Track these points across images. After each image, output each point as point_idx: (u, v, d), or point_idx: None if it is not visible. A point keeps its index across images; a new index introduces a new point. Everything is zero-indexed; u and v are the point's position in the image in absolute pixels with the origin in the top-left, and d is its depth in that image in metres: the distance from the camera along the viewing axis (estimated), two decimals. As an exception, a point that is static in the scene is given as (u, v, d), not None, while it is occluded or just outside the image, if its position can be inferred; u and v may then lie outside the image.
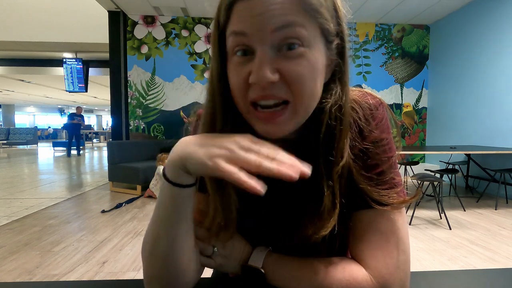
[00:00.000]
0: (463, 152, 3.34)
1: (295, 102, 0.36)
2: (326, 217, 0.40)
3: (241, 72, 0.36)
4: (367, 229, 0.42)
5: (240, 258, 0.46)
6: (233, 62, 0.37)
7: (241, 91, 0.37)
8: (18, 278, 1.71)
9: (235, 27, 0.35)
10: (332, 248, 0.47)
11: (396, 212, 0.42)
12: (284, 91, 0.35)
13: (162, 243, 0.40)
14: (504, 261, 1.98)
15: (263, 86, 0.35)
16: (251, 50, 0.35)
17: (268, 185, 0.46)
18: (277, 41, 0.34)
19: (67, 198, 3.61)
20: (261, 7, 0.33)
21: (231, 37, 0.36)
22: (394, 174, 0.43)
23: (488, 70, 3.90)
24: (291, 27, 0.34)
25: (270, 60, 0.34)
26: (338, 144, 0.40)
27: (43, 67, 7.76)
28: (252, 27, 0.34)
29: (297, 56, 0.35)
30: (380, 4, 4.27)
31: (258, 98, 0.36)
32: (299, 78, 0.35)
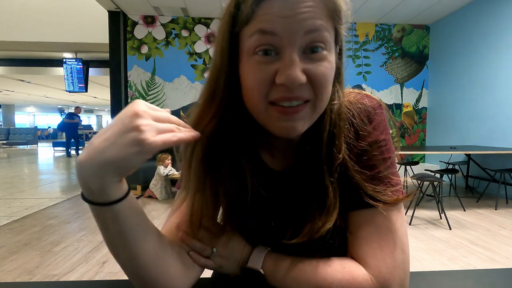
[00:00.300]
0: (463, 152, 3.34)
1: (316, 101, 0.37)
2: (331, 211, 0.42)
3: (265, 71, 0.35)
4: (367, 229, 0.42)
5: (239, 258, 0.46)
6: (253, 61, 0.36)
7: (262, 91, 0.36)
8: (18, 278, 1.72)
9: (264, 25, 0.34)
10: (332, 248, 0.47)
11: (395, 211, 0.42)
12: (308, 91, 0.36)
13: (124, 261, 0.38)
14: (504, 261, 1.98)
15: (291, 87, 0.35)
16: (277, 51, 0.35)
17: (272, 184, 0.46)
18: (305, 43, 0.35)
19: (67, 198, 3.61)
20: (293, 9, 0.33)
21: (256, 35, 0.35)
22: (392, 174, 0.44)
23: (488, 70, 3.90)
24: (320, 31, 0.35)
25: (299, 62, 0.35)
26: (338, 142, 0.42)
27: (43, 67, 7.76)
28: (284, 27, 0.34)
29: (320, 58, 0.36)
30: (380, 4, 4.27)
31: (282, 99, 0.36)
32: (324, 79, 0.36)
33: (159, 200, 3.54)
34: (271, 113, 0.37)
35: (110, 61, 4.80)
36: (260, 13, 0.34)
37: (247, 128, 0.43)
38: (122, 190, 0.35)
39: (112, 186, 0.33)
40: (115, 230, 0.35)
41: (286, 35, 0.34)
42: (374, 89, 5.01)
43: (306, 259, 0.43)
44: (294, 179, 0.45)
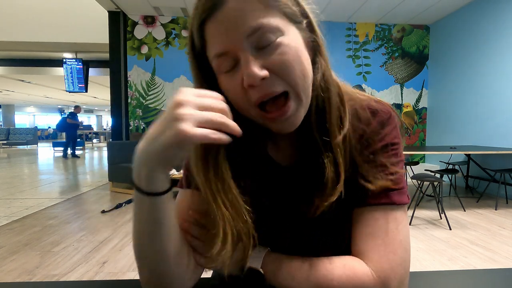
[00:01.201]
0: (463, 152, 3.34)
1: (294, 89, 0.38)
2: (330, 187, 0.42)
3: (234, 83, 0.37)
4: (373, 224, 0.42)
5: (239, 259, 0.45)
6: (224, 79, 0.38)
7: (243, 100, 0.38)
8: (18, 278, 1.72)
9: (215, 49, 0.37)
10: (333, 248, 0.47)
11: (401, 211, 0.43)
12: (279, 83, 0.37)
13: (148, 253, 0.39)
14: (504, 261, 1.98)
15: (258, 85, 0.36)
16: (236, 61, 0.37)
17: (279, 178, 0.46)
18: (254, 42, 0.36)
19: (67, 198, 3.61)
20: (228, 21, 0.35)
21: (215, 60, 0.38)
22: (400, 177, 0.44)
23: (488, 70, 3.91)
24: (261, 29, 0.35)
25: (254, 61, 0.35)
26: (330, 114, 0.42)
27: (43, 67, 7.76)
28: (229, 42, 0.36)
29: (275, 46, 0.36)
30: (380, 4, 4.27)
31: (260, 98, 0.37)
32: (287, 65, 0.36)
33: (159, 200, 3.55)
34: (264, 117, 0.39)
35: (110, 61, 4.81)
36: (208, 37, 0.37)
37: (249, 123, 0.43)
38: (167, 183, 0.37)
39: (158, 177, 0.35)
40: (151, 220, 0.37)
41: (233, 47, 0.36)
42: (374, 89, 5.02)
43: (306, 258, 0.43)
44: (299, 173, 0.46)
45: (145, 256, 0.40)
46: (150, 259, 0.40)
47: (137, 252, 0.40)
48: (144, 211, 0.37)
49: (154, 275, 0.41)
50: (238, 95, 0.38)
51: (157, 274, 0.40)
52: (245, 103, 0.38)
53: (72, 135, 8.60)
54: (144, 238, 0.39)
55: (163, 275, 0.41)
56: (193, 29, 0.39)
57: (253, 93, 0.37)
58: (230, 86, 0.38)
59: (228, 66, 0.37)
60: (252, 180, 0.45)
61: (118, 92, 4.85)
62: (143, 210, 0.37)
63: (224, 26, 0.35)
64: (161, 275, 0.40)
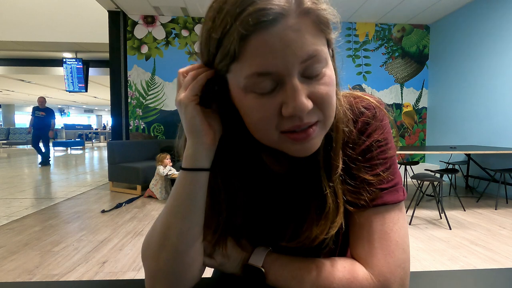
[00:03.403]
0: (463, 152, 3.34)
1: (325, 120, 0.37)
2: (331, 217, 0.41)
3: (269, 107, 0.34)
4: (368, 228, 0.42)
5: (240, 257, 0.46)
6: (255, 100, 0.35)
7: (271, 125, 0.36)
8: (18, 278, 1.72)
9: (256, 68, 0.32)
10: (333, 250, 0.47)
11: (397, 211, 0.43)
12: (316, 114, 0.36)
13: (173, 233, 0.40)
14: (504, 261, 1.98)
15: (301, 116, 0.34)
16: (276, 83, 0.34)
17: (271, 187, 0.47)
18: (303, 69, 0.33)
19: (67, 198, 3.61)
20: (282, 40, 0.31)
21: (250, 78, 0.33)
22: (392, 174, 0.44)
23: (488, 70, 3.91)
24: (315, 56, 0.33)
25: (303, 90, 0.33)
26: (337, 146, 0.42)
27: (43, 67, 7.76)
28: (279, 64, 0.32)
29: (321, 76, 0.35)
30: (380, 4, 4.27)
31: (294, 128, 0.35)
32: (328, 98, 0.36)
33: (159, 200, 3.55)
34: (284, 140, 0.37)
35: (110, 61, 4.81)
36: (249, 52, 0.32)
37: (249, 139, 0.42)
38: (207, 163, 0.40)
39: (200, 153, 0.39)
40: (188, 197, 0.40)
41: (282, 69, 0.32)
42: (374, 89, 5.02)
43: (307, 258, 0.43)
44: (293, 182, 0.45)
45: (168, 237, 0.40)
46: (175, 239, 0.40)
47: (160, 235, 0.41)
48: (181, 187, 0.40)
49: (174, 257, 0.41)
50: (267, 119, 0.35)
51: (177, 256, 0.41)
52: (270, 128, 0.36)
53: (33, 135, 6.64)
54: (174, 215, 0.40)
55: (183, 258, 0.41)
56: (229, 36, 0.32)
57: (289, 121, 0.35)
58: (261, 108, 0.35)
59: (266, 88, 0.34)
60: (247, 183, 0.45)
61: (118, 92, 4.85)
62: (181, 187, 0.40)
63: (278, 45, 0.31)
64: (181, 257, 0.41)
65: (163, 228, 0.41)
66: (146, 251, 0.43)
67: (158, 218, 0.42)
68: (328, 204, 0.41)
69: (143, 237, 2.34)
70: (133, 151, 4.29)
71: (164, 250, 0.41)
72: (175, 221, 0.40)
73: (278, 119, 0.35)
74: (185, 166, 0.40)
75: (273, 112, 0.35)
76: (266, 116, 0.35)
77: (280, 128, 0.36)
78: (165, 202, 0.49)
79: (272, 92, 0.34)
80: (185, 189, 0.40)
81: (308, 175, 0.44)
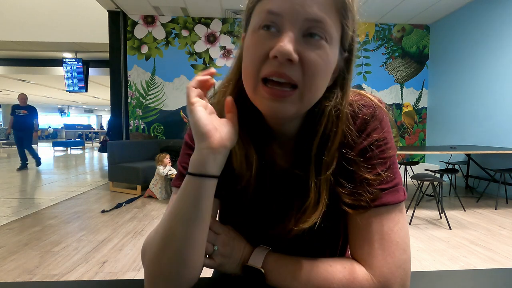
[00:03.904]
0: (463, 152, 3.34)
1: (304, 89, 0.37)
2: (309, 212, 0.42)
3: (262, 46, 0.37)
4: (368, 229, 0.42)
5: (240, 258, 0.46)
6: (256, 36, 0.38)
7: (256, 65, 0.38)
8: (18, 278, 1.72)
9: (272, 5, 0.36)
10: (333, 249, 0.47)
11: (397, 211, 0.42)
12: (298, 74, 0.37)
13: (177, 238, 0.40)
14: (504, 261, 1.98)
15: (281, 62, 0.36)
16: (278, 29, 0.37)
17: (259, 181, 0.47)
18: (306, 28, 0.36)
19: (67, 198, 3.61)
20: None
21: (263, 14, 0.37)
22: (392, 174, 0.44)
23: (488, 70, 3.90)
24: (322, 23, 0.36)
25: (295, 41, 0.36)
26: (332, 146, 0.42)
27: (43, 67, 7.76)
28: (289, 10, 0.35)
29: (318, 46, 0.36)
30: (380, 4, 4.27)
31: (272, 74, 0.37)
32: (315, 66, 0.36)
33: (159, 200, 3.55)
34: (261, 92, 0.38)
35: (110, 61, 4.81)
36: None
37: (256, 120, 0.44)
38: (215, 169, 0.40)
39: (205, 158, 0.39)
40: (194, 204, 0.39)
41: (288, 16, 0.35)
42: (374, 89, 5.02)
43: (307, 258, 0.43)
44: (290, 177, 0.46)
45: (174, 239, 0.40)
46: (179, 244, 0.40)
47: (162, 238, 0.40)
48: (188, 193, 0.39)
49: (176, 261, 0.40)
50: (256, 58, 0.38)
51: (180, 260, 0.40)
52: (254, 70, 0.38)
53: (16, 137, 6.01)
54: (180, 221, 0.40)
55: (185, 262, 0.40)
56: None
57: (270, 66, 0.37)
58: (257, 45, 0.38)
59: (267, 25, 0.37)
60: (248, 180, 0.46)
61: (118, 92, 4.85)
62: (188, 192, 0.39)
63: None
64: (184, 261, 0.40)
65: (166, 232, 0.40)
66: (147, 254, 0.42)
67: (161, 221, 0.42)
68: (309, 199, 0.42)
69: (143, 237, 2.34)
70: (133, 151, 4.29)
71: (166, 253, 0.40)
72: (179, 226, 0.39)
73: (263, 60, 0.37)
74: (190, 171, 0.39)
75: (263, 52, 0.37)
76: (257, 54, 0.37)
77: (261, 73, 0.37)
78: (165, 202, 0.49)
79: (272, 35, 0.37)
80: (189, 195, 0.39)
81: (298, 170, 0.44)
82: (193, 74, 4.85)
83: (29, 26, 5.59)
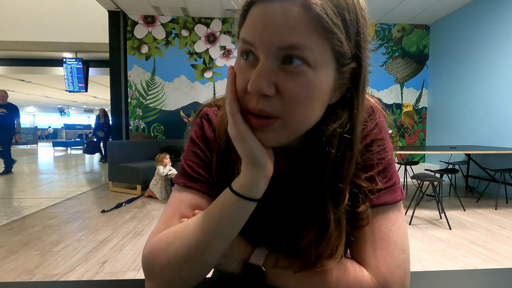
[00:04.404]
0: (463, 152, 3.34)
1: (286, 118, 0.35)
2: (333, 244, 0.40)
3: (243, 77, 0.36)
4: (366, 229, 0.42)
5: (240, 257, 0.46)
6: (239, 64, 0.37)
7: (241, 97, 0.37)
8: (18, 278, 1.72)
9: (245, 34, 0.35)
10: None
11: (395, 211, 0.43)
12: (277, 106, 0.34)
13: (210, 251, 0.40)
14: (504, 261, 1.98)
15: (257, 98, 0.34)
16: (255, 58, 0.35)
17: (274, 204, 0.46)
18: (281, 56, 0.33)
19: (67, 198, 3.61)
20: (273, 20, 0.32)
21: (240, 42, 0.36)
22: (390, 174, 0.44)
23: (488, 70, 3.91)
24: (298, 49, 0.32)
25: (269, 73, 0.33)
26: (348, 172, 0.40)
27: (43, 67, 7.77)
28: (261, 38, 0.33)
29: (297, 73, 0.33)
30: (380, 4, 4.27)
31: (252, 110, 0.36)
32: (294, 97, 0.34)
33: (159, 200, 3.55)
34: (249, 121, 0.37)
35: (110, 61, 4.81)
36: (247, 20, 0.35)
37: None
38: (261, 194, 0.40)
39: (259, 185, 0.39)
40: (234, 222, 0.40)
41: (261, 46, 0.33)
42: (374, 89, 5.02)
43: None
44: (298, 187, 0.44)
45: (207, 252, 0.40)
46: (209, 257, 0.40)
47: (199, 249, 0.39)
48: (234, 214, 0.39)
49: (201, 270, 0.41)
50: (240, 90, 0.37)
51: (204, 269, 0.41)
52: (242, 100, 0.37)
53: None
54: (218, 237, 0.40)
55: (207, 271, 0.42)
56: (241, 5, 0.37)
57: (250, 100, 0.36)
58: (238, 76, 0.37)
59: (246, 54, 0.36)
60: None
61: (118, 91, 4.85)
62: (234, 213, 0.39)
63: (267, 20, 0.33)
64: (206, 269, 0.42)
65: (200, 245, 0.39)
66: (162, 259, 0.40)
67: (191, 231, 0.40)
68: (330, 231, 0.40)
69: (143, 237, 2.34)
70: (133, 151, 4.29)
71: (193, 263, 0.40)
72: (216, 242, 0.40)
73: (244, 92, 0.36)
74: (240, 193, 0.38)
75: (243, 83, 0.36)
76: (238, 87, 0.37)
77: (245, 104, 0.37)
78: (165, 202, 0.48)
79: (251, 64, 0.35)
80: (231, 214, 0.39)
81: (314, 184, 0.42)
82: (193, 74, 4.86)
83: (29, 26, 5.59)
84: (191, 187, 0.47)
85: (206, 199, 0.47)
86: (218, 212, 0.39)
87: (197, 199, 0.46)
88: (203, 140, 0.49)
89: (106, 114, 7.06)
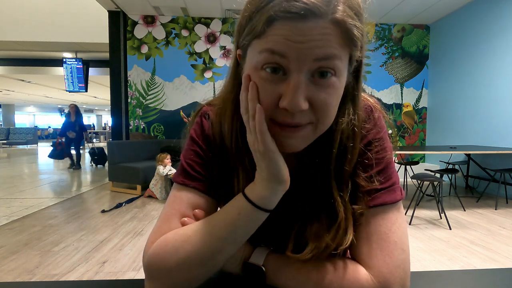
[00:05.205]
0: (463, 152, 3.34)
1: (317, 123, 0.37)
2: (342, 227, 0.42)
3: (271, 93, 0.36)
4: (366, 229, 0.42)
5: (241, 257, 0.46)
6: (260, 76, 0.36)
7: (267, 111, 0.36)
8: (18, 278, 1.72)
9: (275, 46, 0.34)
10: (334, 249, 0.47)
11: (395, 211, 0.43)
12: (310, 117, 0.36)
13: (221, 257, 0.41)
14: (504, 261, 1.98)
15: (293, 113, 0.35)
16: (284, 71, 0.35)
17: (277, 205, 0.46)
18: (314, 69, 0.34)
19: (67, 198, 3.61)
20: (305, 35, 0.32)
21: (265, 53, 0.34)
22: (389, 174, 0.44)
23: (488, 70, 3.90)
24: (330, 60, 0.34)
25: (305, 88, 0.34)
26: (351, 160, 0.43)
27: (43, 67, 7.76)
28: (294, 52, 0.33)
29: (328, 85, 0.35)
30: (380, 4, 4.27)
31: (284, 123, 0.36)
32: (327, 107, 0.36)
33: (159, 200, 3.55)
34: (272, 128, 0.37)
35: (110, 61, 4.81)
36: (271, 32, 0.34)
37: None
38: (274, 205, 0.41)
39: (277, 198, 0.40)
40: (248, 230, 0.41)
41: (295, 59, 0.33)
42: (374, 89, 5.02)
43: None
44: (297, 187, 0.44)
45: (218, 258, 0.41)
46: (220, 261, 0.42)
47: (210, 254, 0.40)
48: (248, 222, 0.40)
49: (209, 273, 0.42)
50: (267, 102, 0.36)
51: (212, 272, 0.42)
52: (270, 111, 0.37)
53: None
54: (230, 243, 0.41)
55: (214, 271, 0.43)
56: (258, 15, 0.35)
57: (282, 115, 0.36)
58: (265, 88, 0.36)
59: (273, 67, 0.35)
60: None
61: (118, 91, 4.85)
62: (248, 221, 0.40)
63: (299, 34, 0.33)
64: (214, 271, 0.43)
65: (212, 251, 0.40)
66: (171, 260, 0.40)
67: (204, 237, 0.40)
68: (341, 216, 0.41)
69: (143, 237, 2.34)
70: (133, 151, 4.29)
71: (203, 267, 0.41)
72: (228, 247, 0.41)
73: (273, 107, 0.36)
74: (257, 203, 0.39)
75: (272, 100, 0.36)
76: (266, 102, 0.36)
77: (272, 116, 0.37)
78: (165, 202, 0.48)
79: (278, 78, 0.35)
80: (246, 222, 0.40)
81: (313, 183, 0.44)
82: (193, 74, 4.86)
83: (29, 26, 5.58)
84: (191, 185, 0.46)
85: (205, 198, 0.47)
86: (233, 220, 0.40)
87: (197, 198, 0.46)
88: (203, 139, 0.49)
89: (79, 111, 6.28)
